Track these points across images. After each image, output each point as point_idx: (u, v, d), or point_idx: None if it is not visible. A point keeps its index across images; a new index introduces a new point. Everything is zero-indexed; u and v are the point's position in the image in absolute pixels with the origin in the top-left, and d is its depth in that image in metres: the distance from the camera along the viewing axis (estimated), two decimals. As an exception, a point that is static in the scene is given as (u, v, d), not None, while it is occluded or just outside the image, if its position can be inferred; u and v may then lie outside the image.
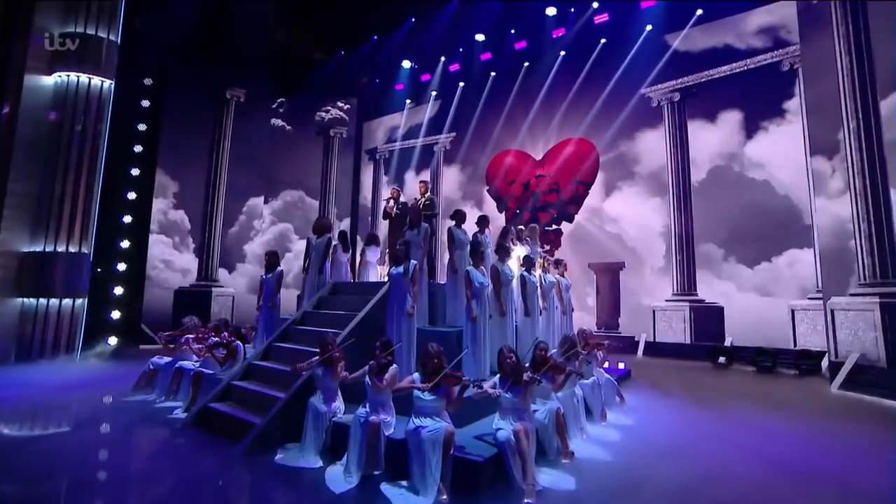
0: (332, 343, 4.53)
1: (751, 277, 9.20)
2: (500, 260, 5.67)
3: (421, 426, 3.55)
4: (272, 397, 4.81)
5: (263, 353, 5.70)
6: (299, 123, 14.63)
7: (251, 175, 13.21)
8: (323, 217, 7.45)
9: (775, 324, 8.85)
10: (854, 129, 6.80)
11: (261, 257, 13.68)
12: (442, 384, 3.72)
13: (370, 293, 6.00)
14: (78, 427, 5.17)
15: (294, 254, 14.37)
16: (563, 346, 5.33)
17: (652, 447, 4.52)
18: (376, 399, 4.03)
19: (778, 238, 8.95)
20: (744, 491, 3.56)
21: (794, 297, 8.73)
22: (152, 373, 6.50)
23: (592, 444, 4.59)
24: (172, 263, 11.99)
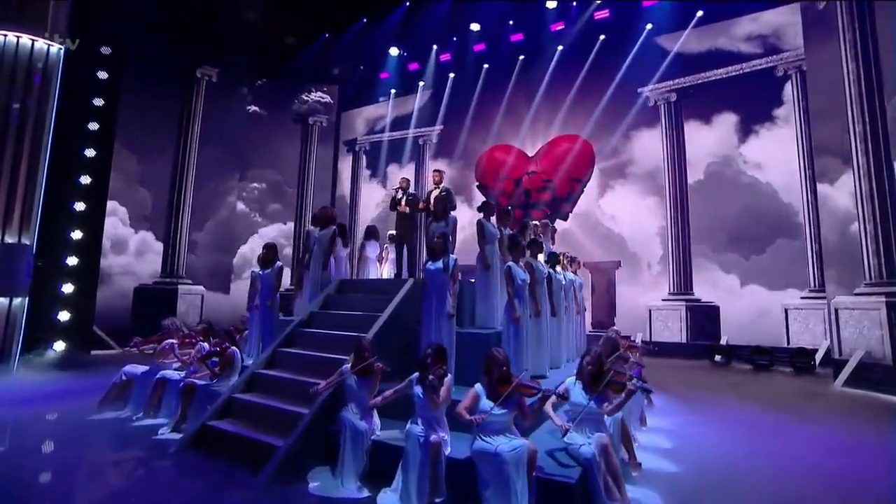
0: (368, 349, 3.92)
1: (746, 277, 9.37)
2: (532, 256, 5.25)
3: (498, 445, 3.05)
4: (289, 413, 4.13)
5: (269, 359, 4.95)
6: (276, 110, 13.57)
7: (225, 163, 12.04)
8: (326, 206, 6.71)
9: (769, 323, 9.05)
10: (860, 132, 6.97)
11: (247, 255, 12.64)
12: (514, 396, 3.23)
13: (388, 292, 5.41)
14: (37, 455, 4.20)
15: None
16: (606, 349, 5.00)
17: (709, 455, 4.27)
18: (431, 415, 3.47)
19: (772, 239, 9.16)
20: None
21: (787, 297, 8.95)
22: (125, 384, 5.52)
23: (647, 452, 4.27)
24: (132, 258, 10.64)
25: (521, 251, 4.87)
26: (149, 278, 10.80)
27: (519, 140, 12.58)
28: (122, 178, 10.52)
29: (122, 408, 5.41)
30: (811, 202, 8.83)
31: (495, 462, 2.99)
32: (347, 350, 4.69)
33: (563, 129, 11.92)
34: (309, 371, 4.67)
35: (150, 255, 10.85)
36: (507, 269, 4.72)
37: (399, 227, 6.88)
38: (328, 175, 14.48)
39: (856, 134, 7.04)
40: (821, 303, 8.63)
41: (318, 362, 4.72)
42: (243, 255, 12.61)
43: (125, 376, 5.51)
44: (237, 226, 12.62)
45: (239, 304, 11.94)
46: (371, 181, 14.98)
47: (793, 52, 9.29)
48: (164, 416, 5.09)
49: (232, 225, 12.38)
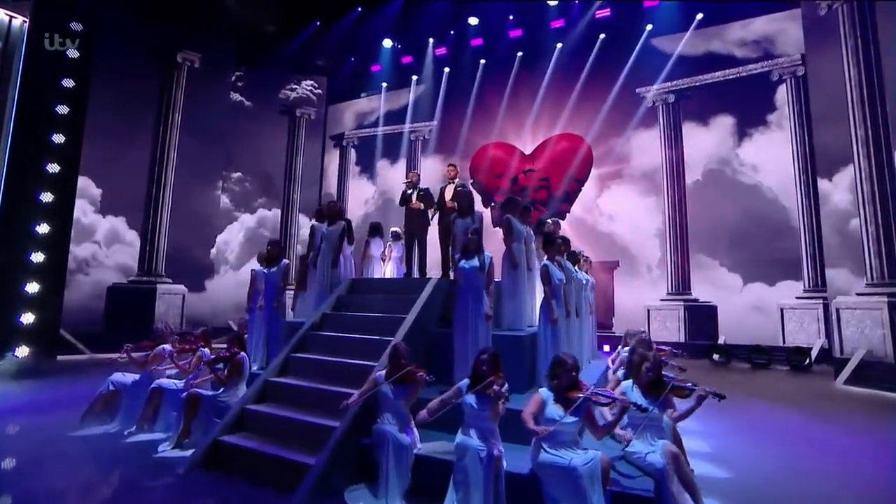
0: (404, 356, 3.59)
1: (743, 277, 9.52)
2: (561, 255, 5.03)
3: (572, 458, 2.79)
4: (312, 425, 3.75)
5: (281, 366, 4.51)
6: (261, 100, 12.88)
7: (208, 155, 11.28)
8: (334, 200, 6.28)
9: (765, 322, 9.21)
10: (863, 136, 7.14)
11: (221, 248, 11.82)
12: (584, 404, 2.98)
13: (407, 292, 5.08)
14: (19, 481, 3.63)
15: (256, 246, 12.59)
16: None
17: (752, 458, 4.17)
18: (487, 427, 3.18)
19: (768, 240, 9.33)
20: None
21: (783, 297, 9.14)
22: (112, 395, 4.95)
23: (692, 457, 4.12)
24: (105, 255, 9.79)
25: (557, 249, 4.63)
26: (123, 276, 9.97)
27: (515, 138, 12.41)
28: (94, 167, 9.65)
29: (109, 421, 4.84)
30: (805, 205, 9.04)
31: (569, 477, 2.73)
32: (367, 355, 4.35)
33: (560, 128, 11.82)
34: (327, 378, 4.29)
35: (125, 250, 10.01)
36: (543, 267, 4.48)
37: (409, 223, 6.53)
38: (317, 170, 13.89)
39: (858, 138, 7.20)
40: (814, 303, 8.85)
41: (337, 368, 4.35)
42: (219, 246, 11.78)
43: (113, 386, 4.94)
44: (220, 221, 11.89)
45: (219, 303, 11.26)
46: (361, 177, 14.48)
47: (787, 58, 9.51)
48: (161, 430, 4.58)
49: (214, 221, 11.65)
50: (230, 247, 12.25)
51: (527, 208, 5.82)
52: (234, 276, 11.87)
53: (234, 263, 12.09)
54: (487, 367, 3.25)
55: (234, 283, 11.59)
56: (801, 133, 9.24)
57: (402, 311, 4.78)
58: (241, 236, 12.37)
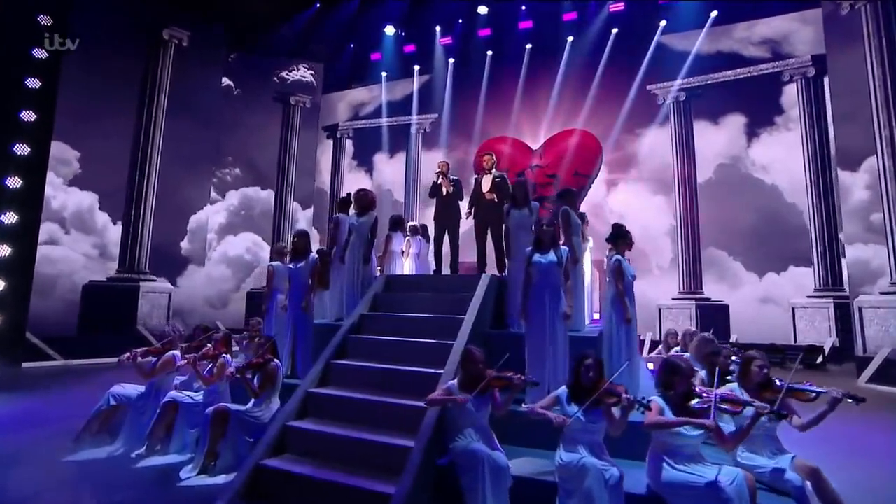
0: (481, 360, 3.12)
1: (755, 276, 9.51)
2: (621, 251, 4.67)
3: (717, 476, 2.42)
4: (373, 443, 3.22)
5: (321, 375, 3.94)
6: (254, 86, 12.02)
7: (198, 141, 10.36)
8: (366, 189, 5.70)
9: (777, 321, 9.23)
10: (887, 136, 7.16)
11: (197, 234, 10.82)
12: (706, 413, 2.61)
13: (456, 289, 4.61)
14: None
15: (249, 242, 11.77)
16: (702, 349, 4.55)
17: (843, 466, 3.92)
18: (596, 442, 2.77)
19: (780, 239, 9.36)
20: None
21: (794, 296, 9.17)
22: (112, 411, 4.23)
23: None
24: (79, 250, 8.77)
25: (628, 243, 4.27)
26: (101, 273, 8.96)
27: (522, 132, 12.08)
28: (69, 151, 8.62)
29: (110, 442, 4.13)
30: (816, 205, 9.11)
31: (712, 497, 2.35)
32: (422, 360, 3.86)
33: (569, 123, 11.57)
34: (377, 388, 3.77)
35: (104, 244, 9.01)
36: (616, 262, 4.10)
37: (441, 216, 6.03)
38: (313, 160, 13.13)
39: (882, 137, 7.23)
40: (825, 301, 8.93)
41: (388, 376, 3.84)
42: (195, 233, 10.76)
43: (114, 400, 4.22)
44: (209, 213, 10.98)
45: (198, 299, 10.36)
46: (357, 170, 13.82)
47: (797, 59, 9.57)
48: (176, 450, 3.93)
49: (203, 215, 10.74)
50: (207, 232, 11.38)
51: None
52: (211, 269, 10.90)
53: (212, 253, 11.11)
54: (595, 374, 2.85)
55: (207, 277, 10.69)
56: (811, 133, 9.31)
57: (453, 311, 4.30)
58: (220, 217, 11.43)
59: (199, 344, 4.80)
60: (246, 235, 11.71)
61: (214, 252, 11.35)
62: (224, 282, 11.37)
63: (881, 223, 7.28)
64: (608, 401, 2.73)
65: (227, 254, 11.44)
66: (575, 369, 2.94)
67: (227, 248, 11.50)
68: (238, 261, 11.58)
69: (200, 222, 10.53)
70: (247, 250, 11.68)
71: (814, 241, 9.12)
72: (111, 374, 6.88)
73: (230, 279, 11.46)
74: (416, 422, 3.25)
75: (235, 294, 11.52)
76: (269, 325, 5.32)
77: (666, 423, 2.55)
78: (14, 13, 7.29)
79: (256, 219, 12.00)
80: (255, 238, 11.94)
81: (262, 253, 11.85)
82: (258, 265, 11.62)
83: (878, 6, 7.44)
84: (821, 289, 8.97)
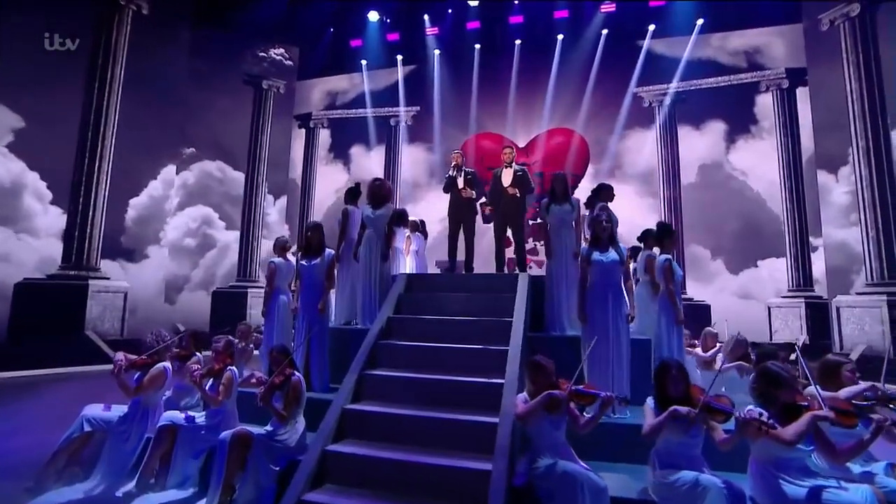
0: (552, 371, 2.81)
1: (734, 277, 9.89)
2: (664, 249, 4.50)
3: (832, 491, 2.23)
4: (435, 468, 2.80)
5: (355, 389, 3.43)
6: (222, 66, 10.95)
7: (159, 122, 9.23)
8: (381, 179, 5.18)
9: (754, 320, 9.63)
10: (863, 147, 7.62)
11: (177, 236, 9.59)
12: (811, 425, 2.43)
13: (491, 290, 4.26)
14: None
15: (219, 245, 10.73)
16: (737, 350, 4.50)
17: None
18: (696, 456, 2.54)
19: (757, 241, 9.78)
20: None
21: (770, 296, 9.62)
22: (85, 439, 3.48)
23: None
24: (12, 243, 7.48)
25: (674, 242, 4.10)
26: (39, 269, 7.71)
27: (507, 129, 11.89)
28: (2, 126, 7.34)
29: (83, 477, 3.40)
30: (790, 209, 9.60)
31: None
32: (469, 369, 3.48)
33: (556, 123, 11.53)
34: (421, 401, 3.36)
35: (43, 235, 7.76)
36: (667, 262, 3.92)
37: (456, 211, 5.65)
38: (287, 150, 12.23)
39: (859, 148, 7.68)
40: (797, 301, 9.43)
41: (433, 388, 3.43)
42: (149, 221, 9.42)
43: (90, 424, 3.47)
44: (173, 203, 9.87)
45: (153, 299, 9.24)
46: (333, 163, 13.05)
47: (773, 71, 10.05)
48: (176, 484, 3.32)
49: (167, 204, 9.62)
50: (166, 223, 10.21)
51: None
52: (166, 261, 9.69)
53: (164, 238, 9.90)
54: (683, 384, 2.61)
55: (162, 271, 9.53)
56: (785, 141, 9.80)
57: (492, 313, 3.96)
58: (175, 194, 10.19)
59: (187, 353, 4.15)
60: (201, 212, 10.40)
61: (167, 242, 10.05)
62: (182, 279, 10.20)
63: (857, 228, 7.73)
64: (717, 419, 2.49)
65: (183, 242, 10.15)
66: (658, 379, 2.69)
67: (180, 235, 10.17)
68: (192, 247, 10.28)
69: (159, 211, 9.36)
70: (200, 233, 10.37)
71: (787, 244, 9.61)
72: (59, 387, 5.89)
73: (185, 268, 10.19)
74: (480, 440, 2.88)
75: (199, 292, 10.37)
76: (271, 330, 4.69)
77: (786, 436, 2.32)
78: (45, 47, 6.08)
79: (218, 197, 10.80)
80: (205, 211, 10.69)
81: (219, 235, 10.71)
82: (215, 246, 10.52)
83: (855, 24, 7.91)
84: (794, 289, 9.46)
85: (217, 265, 10.81)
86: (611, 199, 4.66)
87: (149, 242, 9.16)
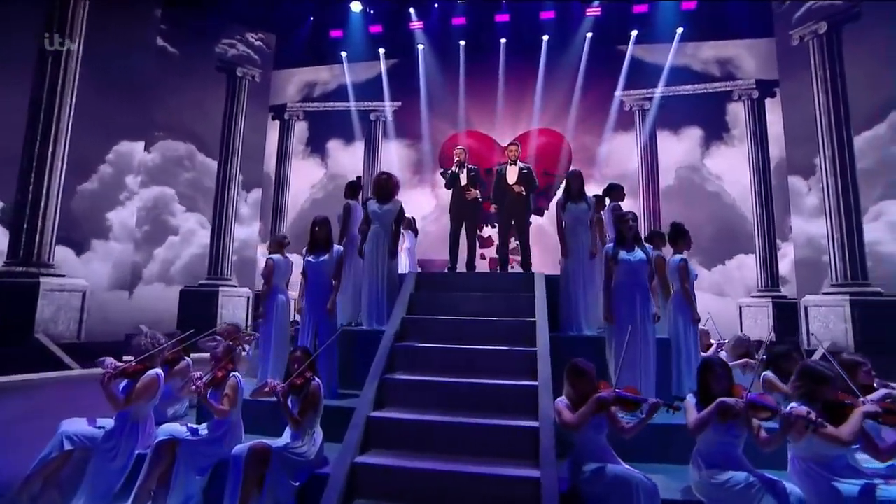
0: (594, 374, 2.74)
1: (708, 277, 10.31)
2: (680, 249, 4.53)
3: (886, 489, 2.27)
4: (476, 477, 2.64)
5: (377, 395, 3.22)
6: (192, 50, 10.23)
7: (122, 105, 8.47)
8: (388, 172, 4.93)
9: (727, 319, 10.08)
10: (830, 156, 8.13)
11: (134, 230, 8.67)
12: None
13: (508, 289, 4.16)
14: None
15: (181, 234, 10.02)
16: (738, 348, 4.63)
17: None
18: (737, 455, 2.56)
19: (729, 244, 10.25)
20: None
21: (740, 295, 10.11)
22: (64, 458, 3.06)
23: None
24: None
25: (688, 242, 4.14)
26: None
27: (489, 128, 11.87)
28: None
29: (61, 502, 2.99)
30: (759, 214, 10.13)
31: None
32: (496, 371, 3.37)
33: (538, 123, 11.60)
34: (450, 407, 3.21)
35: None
36: (683, 262, 3.95)
37: (458, 208, 5.51)
38: (262, 142, 11.63)
39: (826, 157, 8.18)
40: (765, 301, 9.96)
41: (462, 391, 3.27)
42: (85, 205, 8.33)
43: (70, 442, 3.05)
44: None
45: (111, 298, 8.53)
46: (309, 157, 12.56)
47: (745, 81, 10.57)
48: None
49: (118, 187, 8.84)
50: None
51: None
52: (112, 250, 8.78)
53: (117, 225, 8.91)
54: (727, 382, 2.61)
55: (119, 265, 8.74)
56: (755, 149, 10.33)
57: (510, 313, 3.86)
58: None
59: (175, 357, 3.81)
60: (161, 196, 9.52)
61: (122, 230, 9.10)
62: (138, 271, 9.34)
63: (825, 232, 8.24)
64: (761, 416, 2.48)
65: (140, 229, 9.20)
66: (702, 376, 2.67)
67: (138, 222, 9.19)
68: (151, 235, 9.44)
69: (113, 195, 8.48)
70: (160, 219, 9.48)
71: (756, 246, 10.13)
72: (5, 399, 5.30)
73: (142, 259, 9.25)
74: (517, 446, 2.77)
75: (156, 284, 9.50)
76: (268, 333, 4.34)
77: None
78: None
79: (184, 183, 9.97)
80: (166, 195, 9.84)
81: (180, 222, 9.92)
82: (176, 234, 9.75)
83: (822, 41, 8.42)
84: (762, 289, 9.98)
85: (178, 256, 9.98)
86: (622, 198, 4.68)
87: (100, 231, 8.30)
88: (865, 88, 7.85)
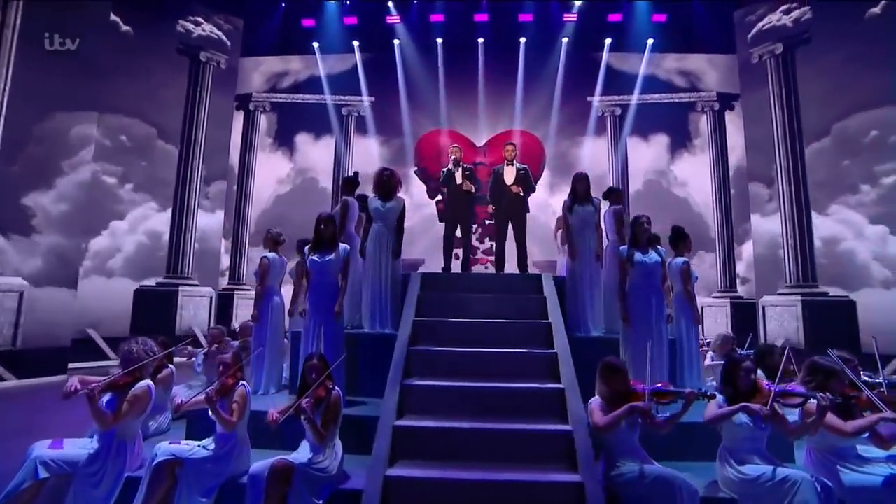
0: (627, 373, 2.77)
1: (673, 278, 10.87)
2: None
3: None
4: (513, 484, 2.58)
5: (399, 404, 3.06)
6: (150, 29, 9.40)
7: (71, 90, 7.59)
8: (389, 168, 4.72)
9: (689, 317, 10.69)
10: (785, 167, 8.79)
11: (75, 219, 7.63)
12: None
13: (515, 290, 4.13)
14: None
15: (129, 221, 9.18)
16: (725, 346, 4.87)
17: None
18: (763, 448, 2.64)
19: (694, 247, 10.82)
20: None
21: (701, 296, 10.71)
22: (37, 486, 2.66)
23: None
24: None
25: (688, 245, 4.28)
26: None
27: (465, 127, 11.86)
28: None
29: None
30: (719, 219, 10.79)
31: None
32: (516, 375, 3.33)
33: (513, 124, 11.72)
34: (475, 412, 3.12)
35: None
36: (685, 264, 4.08)
37: (452, 208, 5.42)
38: (227, 133, 10.92)
39: (782, 168, 8.84)
40: (724, 301, 10.63)
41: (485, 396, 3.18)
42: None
43: (46, 469, 2.66)
44: (94, 191, 8.23)
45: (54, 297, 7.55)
46: (276, 151, 11.98)
47: (707, 94, 11.22)
48: (178, 529, 2.63)
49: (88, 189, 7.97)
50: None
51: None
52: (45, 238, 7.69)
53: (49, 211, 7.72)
54: (754, 377, 2.71)
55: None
56: (716, 157, 10.99)
57: (521, 315, 3.83)
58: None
59: (159, 364, 3.49)
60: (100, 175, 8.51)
61: (56, 215, 7.98)
62: (74, 262, 8.25)
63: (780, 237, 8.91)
64: (791, 404, 2.60)
65: (73, 216, 7.93)
66: (730, 373, 2.74)
67: (70, 208, 7.93)
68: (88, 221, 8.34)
69: (47, 175, 7.47)
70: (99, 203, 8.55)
71: (717, 249, 10.78)
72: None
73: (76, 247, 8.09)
74: (550, 450, 2.73)
75: (96, 278, 8.54)
76: (263, 336, 4.07)
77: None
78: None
79: (132, 161, 9.02)
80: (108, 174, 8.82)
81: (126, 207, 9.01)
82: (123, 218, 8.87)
83: (779, 61, 9.10)
84: (721, 290, 10.64)
85: (122, 244, 9.01)
86: (621, 201, 4.77)
87: (29, 216, 7.32)
88: (818, 105, 8.56)
